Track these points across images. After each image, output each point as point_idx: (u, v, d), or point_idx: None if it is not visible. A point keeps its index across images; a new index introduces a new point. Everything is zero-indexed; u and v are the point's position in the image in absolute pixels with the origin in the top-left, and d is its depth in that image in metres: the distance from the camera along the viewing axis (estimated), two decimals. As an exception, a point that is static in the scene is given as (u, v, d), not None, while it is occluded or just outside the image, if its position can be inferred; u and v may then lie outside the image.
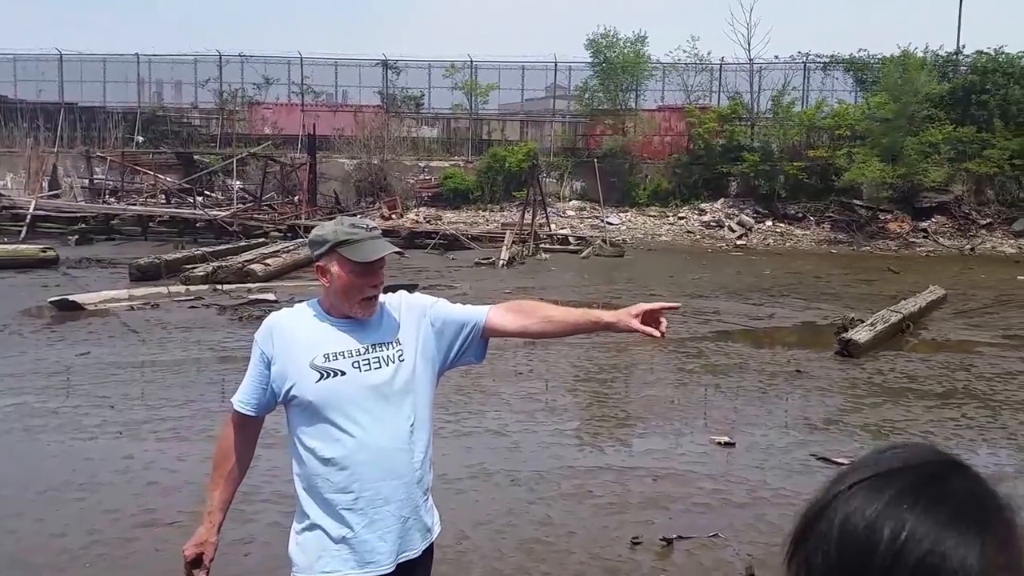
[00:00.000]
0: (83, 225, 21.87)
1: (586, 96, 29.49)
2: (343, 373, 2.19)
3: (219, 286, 13.31)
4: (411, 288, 15.16)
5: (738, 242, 23.80)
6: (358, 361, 2.21)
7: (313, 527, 2.21)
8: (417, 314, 2.35)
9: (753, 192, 26.11)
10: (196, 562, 2.25)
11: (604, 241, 21.41)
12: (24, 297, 12.14)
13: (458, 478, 5.31)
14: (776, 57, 29.06)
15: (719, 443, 6.25)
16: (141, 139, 30.54)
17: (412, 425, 2.26)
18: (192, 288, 13.12)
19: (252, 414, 2.32)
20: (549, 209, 23.60)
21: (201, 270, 14.12)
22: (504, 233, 20.54)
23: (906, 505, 0.64)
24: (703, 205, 26.22)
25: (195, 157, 28.96)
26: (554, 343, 9.83)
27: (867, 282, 16.22)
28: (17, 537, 4.39)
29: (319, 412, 2.19)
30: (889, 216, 24.38)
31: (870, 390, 8.03)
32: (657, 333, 2.37)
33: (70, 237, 20.45)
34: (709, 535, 4.60)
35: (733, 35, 62.87)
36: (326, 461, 2.18)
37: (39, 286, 13.13)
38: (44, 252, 15.84)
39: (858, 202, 24.88)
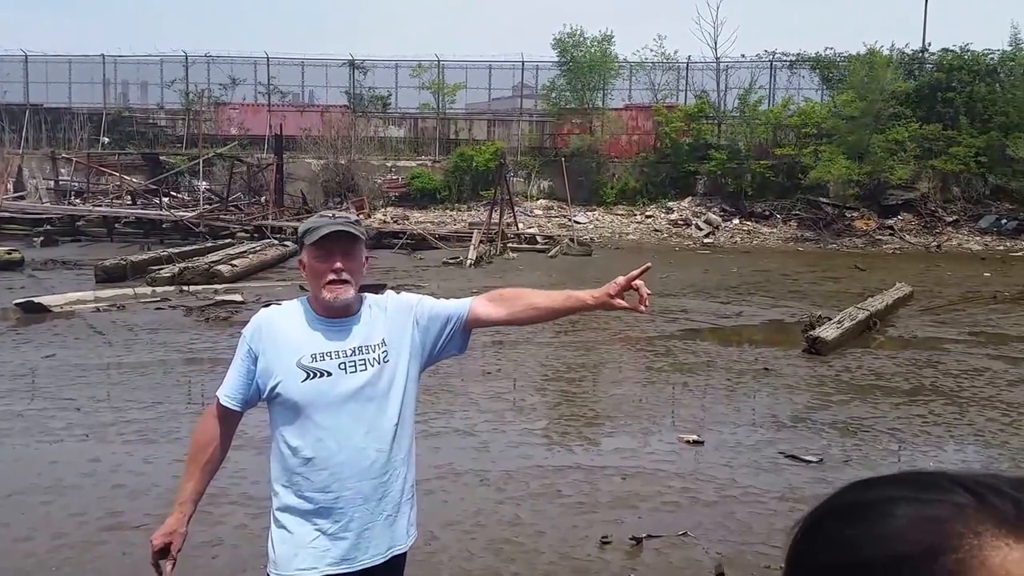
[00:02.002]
0: (48, 227, 21.51)
1: (553, 95, 29.53)
2: (329, 374, 2.21)
3: (185, 287, 13.16)
4: (379, 288, 15.10)
5: (705, 240, 24.01)
6: (344, 363, 2.22)
7: (291, 524, 2.22)
8: (404, 313, 2.37)
9: (720, 190, 26.34)
10: (164, 552, 2.23)
11: (572, 240, 21.45)
12: (-14, 300, 11.93)
13: (426, 479, 5.24)
14: (743, 56, 29.37)
15: (688, 441, 6.30)
16: (107, 140, 30.08)
17: (396, 425, 2.27)
18: (158, 289, 12.97)
19: (236, 408, 2.32)
20: (517, 208, 23.61)
21: (167, 271, 13.96)
22: (472, 232, 20.53)
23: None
24: (670, 204, 26.41)
25: (161, 158, 28.61)
26: (522, 343, 9.86)
27: (834, 280, 16.45)
28: None
29: (303, 411, 2.20)
30: (856, 214, 24.73)
31: (838, 387, 8.13)
32: (641, 308, 2.39)
33: (35, 239, 20.11)
34: (678, 533, 4.62)
35: (700, 34, 63.25)
36: (307, 460, 2.20)
37: (4, 288, 12.91)
38: (9, 254, 15.59)
39: (824, 200, 25.18)
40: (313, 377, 2.20)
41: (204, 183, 26.76)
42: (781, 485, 5.46)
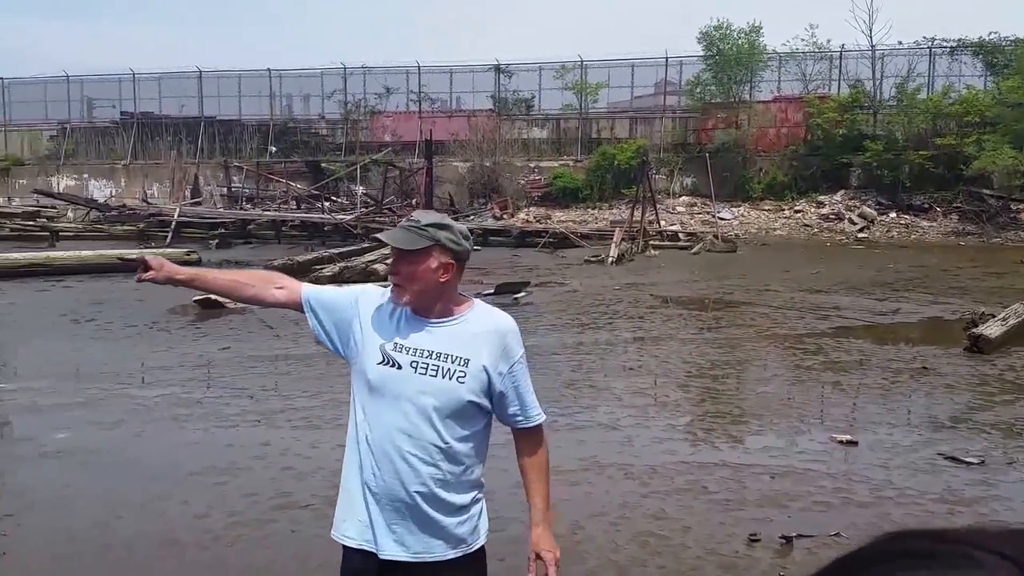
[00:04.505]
0: (222, 230, 23.46)
1: (698, 90, 29.07)
2: (400, 367, 2.20)
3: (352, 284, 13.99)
4: (523, 286, 15.42)
5: (859, 235, 23.03)
6: (417, 361, 2.20)
7: (346, 490, 2.29)
8: (499, 350, 2.25)
9: (875, 183, 25.17)
10: (147, 268, 2.39)
11: (716, 237, 21.11)
12: (171, 297, 13.05)
13: (571, 470, 5.35)
14: (899, 43, 27.90)
15: (841, 441, 6.14)
16: (274, 149, 32.27)
17: (446, 445, 2.20)
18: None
19: (304, 305, 2.38)
20: (659, 206, 23.46)
21: (329, 270, 14.90)
22: (613, 231, 20.52)
23: None
24: (822, 197, 25.47)
25: (322, 165, 30.41)
26: (664, 339, 9.92)
27: (997, 275, 15.49)
28: (166, 518, 4.69)
29: (370, 391, 2.24)
30: (1022, 206, 23.04)
31: (1002, 387, 7.74)
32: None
33: (211, 241, 21.90)
34: (831, 534, 4.49)
35: (854, 21, 60.56)
36: (365, 438, 2.23)
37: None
38: (188, 255, 16.99)
39: (988, 192, 23.64)
40: (386, 364, 2.21)
41: (361, 188, 28.28)
42: (940, 487, 5.31)
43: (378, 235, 2.39)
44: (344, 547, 2.29)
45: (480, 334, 2.24)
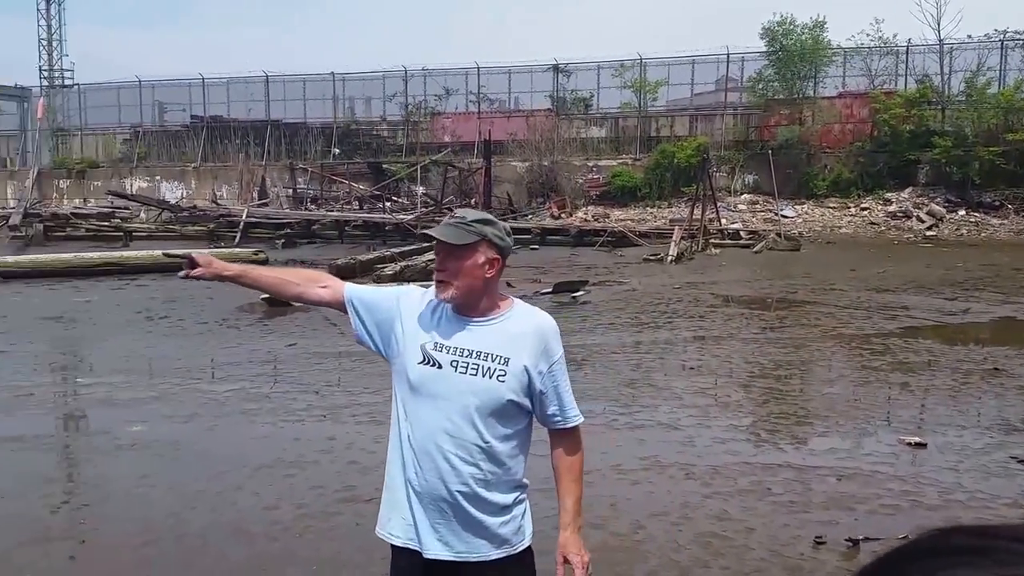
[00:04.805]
0: (288, 230, 24.15)
1: (760, 87, 28.68)
2: (440, 366, 2.20)
3: (406, 284, 14.21)
4: (581, 284, 15.37)
5: (927, 233, 22.42)
6: (457, 361, 2.19)
7: (390, 489, 2.32)
8: (539, 349, 2.24)
9: (944, 180, 24.50)
10: (193, 264, 2.44)
11: (778, 235, 20.85)
12: (239, 295, 13.42)
13: (632, 469, 5.37)
14: (969, 36, 27.11)
15: (909, 443, 6.02)
16: (337, 151, 32.96)
17: (487, 444, 2.19)
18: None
19: (347, 304, 2.39)
20: (720, 204, 23.20)
21: (390, 269, 15.14)
22: (673, 229, 20.39)
23: None
24: (888, 195, 24.88)
25: (384, 166, 30.92)
26: (725, 338, 9.83)
27: (1075, 275, 14.92)
28: (237, 508, 4.82)
29: (410, 390, 2.24)
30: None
31: (1079, 390, 7.49)
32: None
33: (277, 241, 22.55)
34: (899, 537, 4.30)
35: (921, 15, 58.88)
36: (407, 437, 2.24)
37: (251, 286, 14.51)
38: (255, 255, 17.51)
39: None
40: (427, 363, 2.21)
41: (421, 188, 28.65)
42: (1013, 491, 5.16)
43: (426, 230, 2.40)
44: (391, 546, 2.31)
45: (521, 333, 2.23)
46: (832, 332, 10.30)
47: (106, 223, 25.83)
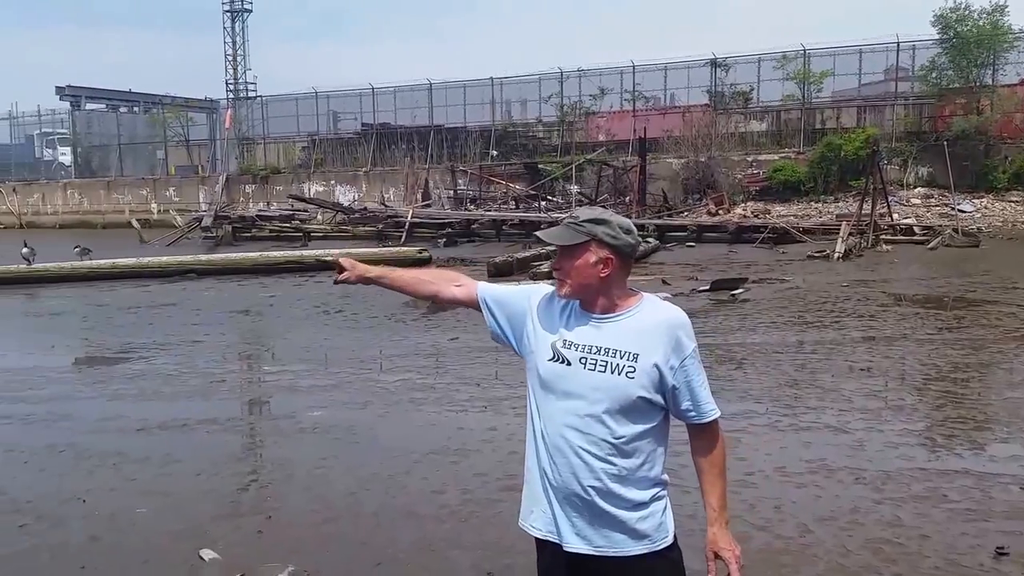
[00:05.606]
0: (449, 230, 25.16)
1: (933, 75, 27.04)
2: (568, 363, 2.21)
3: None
4: (739, 283, 15.00)
5: None
6: (585, 358, 2.20)
7: (529, 482, 2.33)
8: (670, 344, 2.20)
9: None
10: (342, 269, 2.61)
11: (955, 230, 19.71)
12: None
13: (797, 472, 5.28)
14: None
15: (1099, 453, 5.62)
16: (495, 153, 33.89)
17: (618, 441, 2.18)
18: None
19: (480, 303, 2.45)
20: (891, 198, 22.08)
21: (546, 267, 15.45)
22: (839, 225, 19.63)
23: None
24: (1081, 187, 22.77)
25: (539, 166, 31.45)
26: (898, 339, 9.40)
27: None
28: (407, 492, 4.97)
29: (541, 386, 2.26)
30: None
31: None
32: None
33: (439, 240, 23.60)
34: None
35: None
36: (541, 432, 2.27)
37: (417, 282, 15.25)
38: (420, 253, 18.38)
39: None
40: (556, 360, 2.22)
41: (575, 187, 28.97)
42: None
43: (538, 232, 2.39)
44: (535, 538, 2.32)
45: (649, 328, 2.20)
46: (1014, 333, 9.65)
47: (287, 224, 27.82)
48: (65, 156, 46.68)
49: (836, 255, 17.14)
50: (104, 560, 4.17)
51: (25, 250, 17.05)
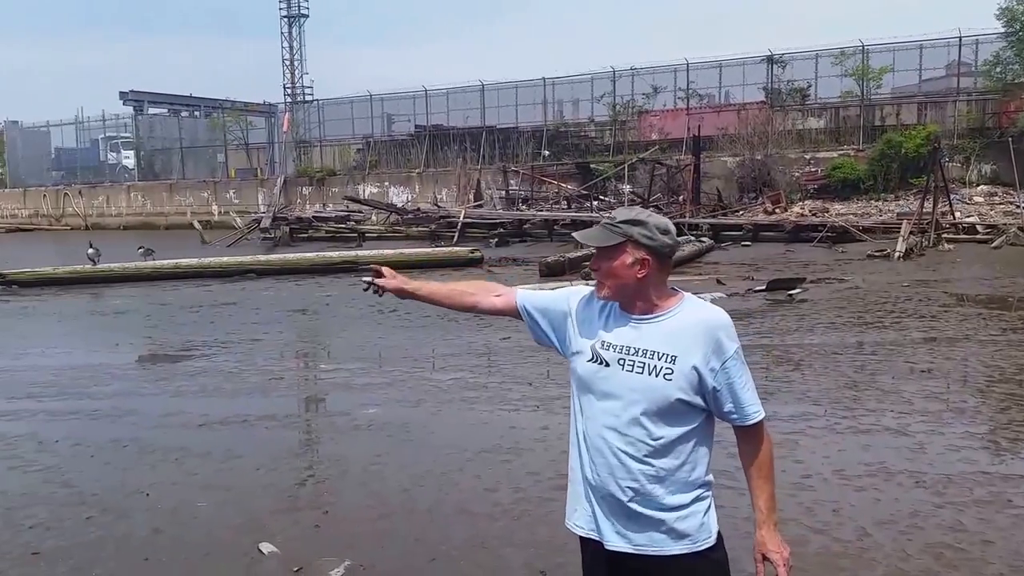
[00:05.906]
0: (501, 230, 25.30)
1: (997, 70, 26.21)
2: (607, 365, 2.21)
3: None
4: (796, 282, 14.73)
5: None
6: (624, 359, 2.20)
7: (572, 482, 2.36)
8: (710, 346, 2.17)
9: None
10: (379, 275, 2.62)
11: (1020, 229, 19.16)
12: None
13: (856, 475, 5.20)
14: None
15: None
16: (547, 153, 33.91)
17: (657, 442, 2.18)
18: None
19: (520, 311, 2.46)
20: (953, 196, 21.53)
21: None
22: (900, 223, 19.26)
23: None
24: None
25: (591, 166, 31.37)
26: (960, 340, 9.16)
27: None
28: (460, 489, 5.02)
29: (582, 386, 2.28)
30: None
31: None
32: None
33: (491, 240, 23.74)
34: None
35: None
36: (582, 432, 2.29)
37: (470, 281, 15.36)
38: (472, 253, 18.56)
39: None
40: (595, 361, 2.23)
41: (628, 186, 28.79)
42: None
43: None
44: (579, 537, 2.33)
45: (689, 330, 2.17)
46: (1086, 335, 9.31)
47: (343, 225, 28.23)
48: (129, 159, 48.04)
49: (897, 254, 16.82)
50: (166, 552, 4.28)
51: (91, 251, 17.62)
